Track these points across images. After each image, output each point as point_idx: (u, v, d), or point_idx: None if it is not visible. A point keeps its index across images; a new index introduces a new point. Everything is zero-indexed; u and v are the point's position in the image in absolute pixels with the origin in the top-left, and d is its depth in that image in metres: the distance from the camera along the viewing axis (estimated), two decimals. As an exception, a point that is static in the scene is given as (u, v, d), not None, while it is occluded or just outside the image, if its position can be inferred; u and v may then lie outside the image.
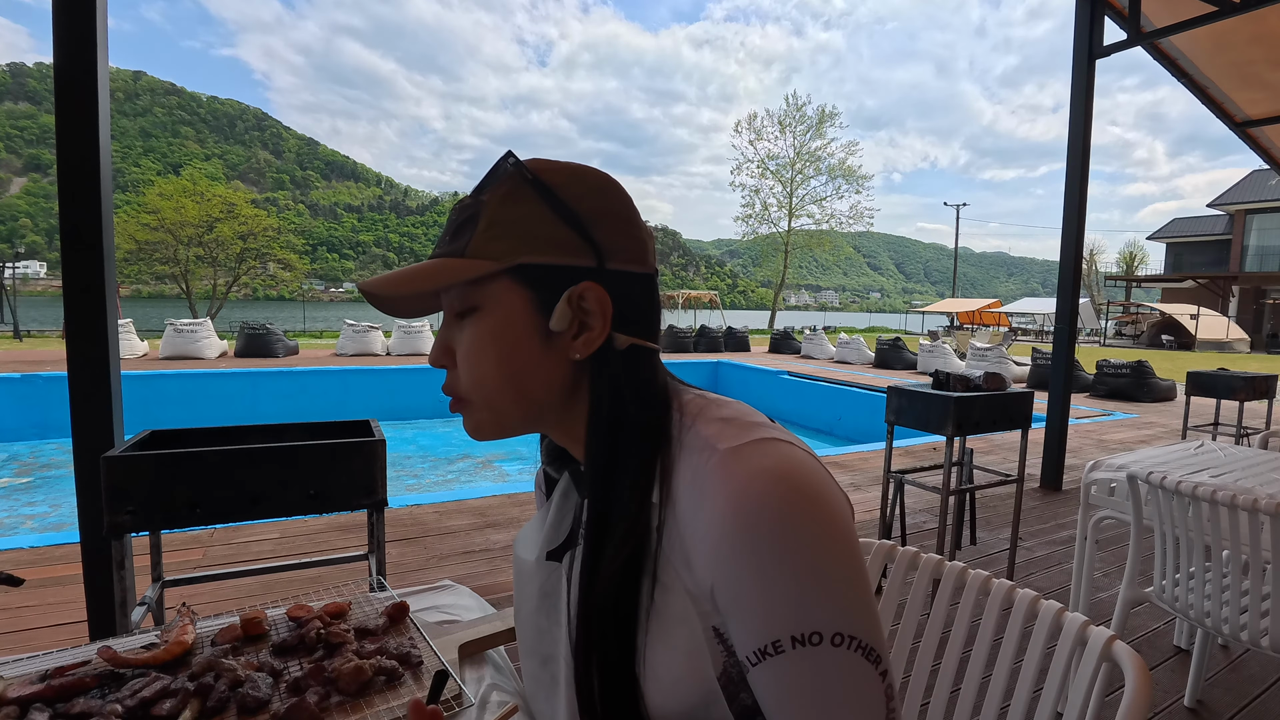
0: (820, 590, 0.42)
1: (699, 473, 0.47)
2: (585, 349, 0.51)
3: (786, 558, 0.42)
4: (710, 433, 0.48)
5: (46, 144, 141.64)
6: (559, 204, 0.50)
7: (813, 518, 0.43)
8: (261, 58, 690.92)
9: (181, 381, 8.46)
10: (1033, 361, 11.02)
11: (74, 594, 2.37)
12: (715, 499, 0.45)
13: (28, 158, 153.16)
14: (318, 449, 1.51)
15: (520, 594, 0.62)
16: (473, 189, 0.54)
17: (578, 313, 0.50)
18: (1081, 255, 4.42)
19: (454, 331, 0.54)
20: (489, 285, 0.50)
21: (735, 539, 0.43)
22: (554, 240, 0.50)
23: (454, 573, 2.80)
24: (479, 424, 0.54)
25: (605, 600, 0.48)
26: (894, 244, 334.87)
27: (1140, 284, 38.72)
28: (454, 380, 0.54)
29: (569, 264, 0.50)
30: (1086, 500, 2.29)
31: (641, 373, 0.53)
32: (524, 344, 0.51)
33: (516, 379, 0.51)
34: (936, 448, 5.40)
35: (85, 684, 0.66)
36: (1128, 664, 0.70)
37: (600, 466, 0.51)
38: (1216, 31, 4.16)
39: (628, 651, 0.47)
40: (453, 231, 0.52)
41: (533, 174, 0.51)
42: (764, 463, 0.45)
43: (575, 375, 0.53)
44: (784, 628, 0.42)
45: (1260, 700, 2.01)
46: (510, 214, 0.50)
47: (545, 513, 0.62)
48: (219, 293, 23.47)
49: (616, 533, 0.48)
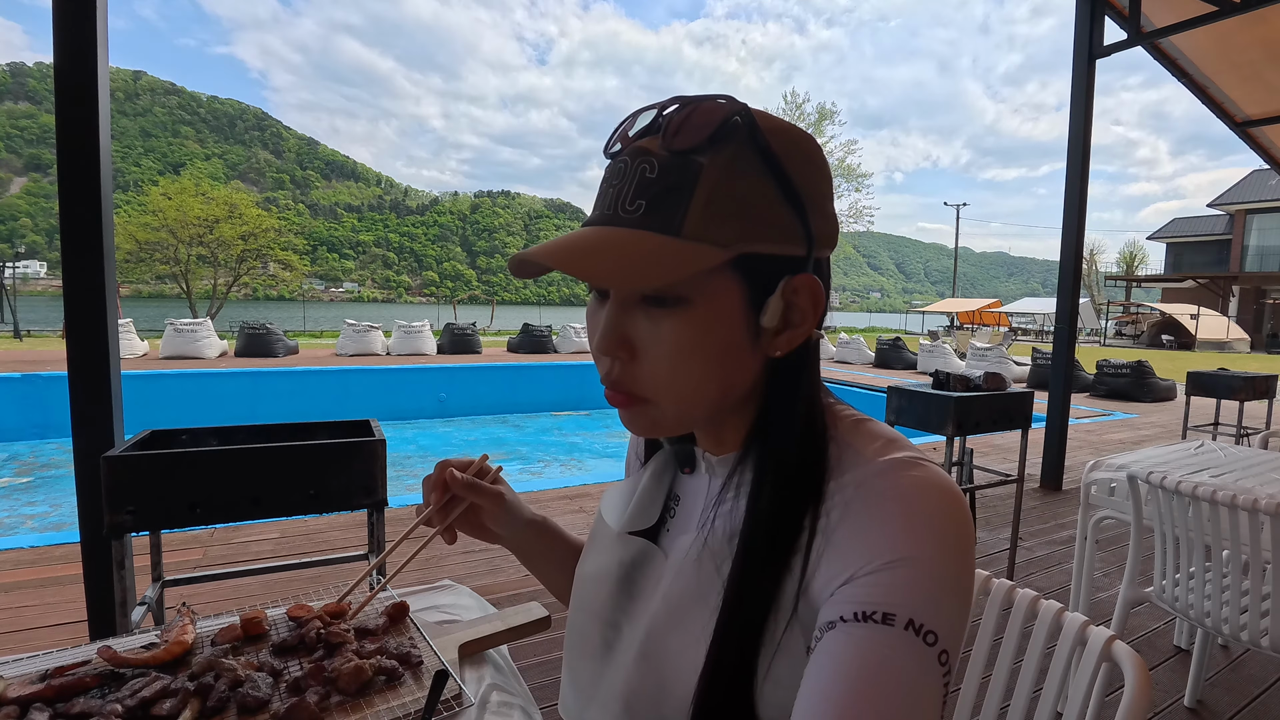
0: (949, 597, 0.40)
1: (862, 480, 0.44)
2: (788, 346, 0.47)
3: (940, 554, 0.41)
4: (869, 450, 0.46)
5: (46, 144, 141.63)
6: (786, 181, 0.44)
7: (969, 532, 0.43)
8: (258, 56, 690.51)
9: (181, 381, 8.45)
10: (1033, 361, 11.02)
11: (74, 594, 2.37)
12: (884, 495, 0.42)
13: (28, 158, 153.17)
14: (318, 449, 1.51)
15: (595, 553, 0.60)
16: (670, 138, 0.43)
17: (787, 308, 0.46)
18: (1082, 255, 4.42)
19: (636, 318, 0.46)
20: (705, 275, 0.43)
21: (906, 536, 0.41)
22: (779, 225, 0.43)
23: (454, 573, 2.80)
24: (656, 423, 0.48)
25: (748, 618, 0.45)
26: (894, 244, 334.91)
27: (1140, 284, 38.74)
28: (628, 374, 0.47)
29: (787, 254, 0.44)
30: (1086, 500, 2.29)
31: (818, 366, 0.50)
32: (735, 343, 0.45)
33: (722, 381, 0.46)
34: (936, 448, 5.40)
35: (85, 684, 0.66)
36: (1128, 664, 0.70)
37: (777, 473, 0.47)
38: (1216, 31, 4.16)
39: (753, 666, 0.45)
40: (653, 196, 0.43)
41: (765, 141, 0.43)
42: (933, 475, 0.44)
43: (765, 372, 0.48)
44: (904, 608, 0.39)
45: (1260, 700, 2.01)
46: (736, 188, 0.42)
47: (635, 482, 0.60)
48: (219, 293, 23.48)
49: (775, 553, 0.45)
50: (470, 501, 0.69)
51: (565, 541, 0.75)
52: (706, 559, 0.50)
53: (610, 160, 0.47)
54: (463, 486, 0.67)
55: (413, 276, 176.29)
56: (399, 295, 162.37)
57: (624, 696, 0.51)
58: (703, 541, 0.51)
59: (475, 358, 11.79)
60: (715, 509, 0.51)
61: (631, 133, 0.46)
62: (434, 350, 12.46)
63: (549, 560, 0.73)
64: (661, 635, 0.50)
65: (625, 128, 0.47)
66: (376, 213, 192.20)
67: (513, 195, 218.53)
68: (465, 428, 8.76)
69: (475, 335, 13.12)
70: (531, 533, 0.72)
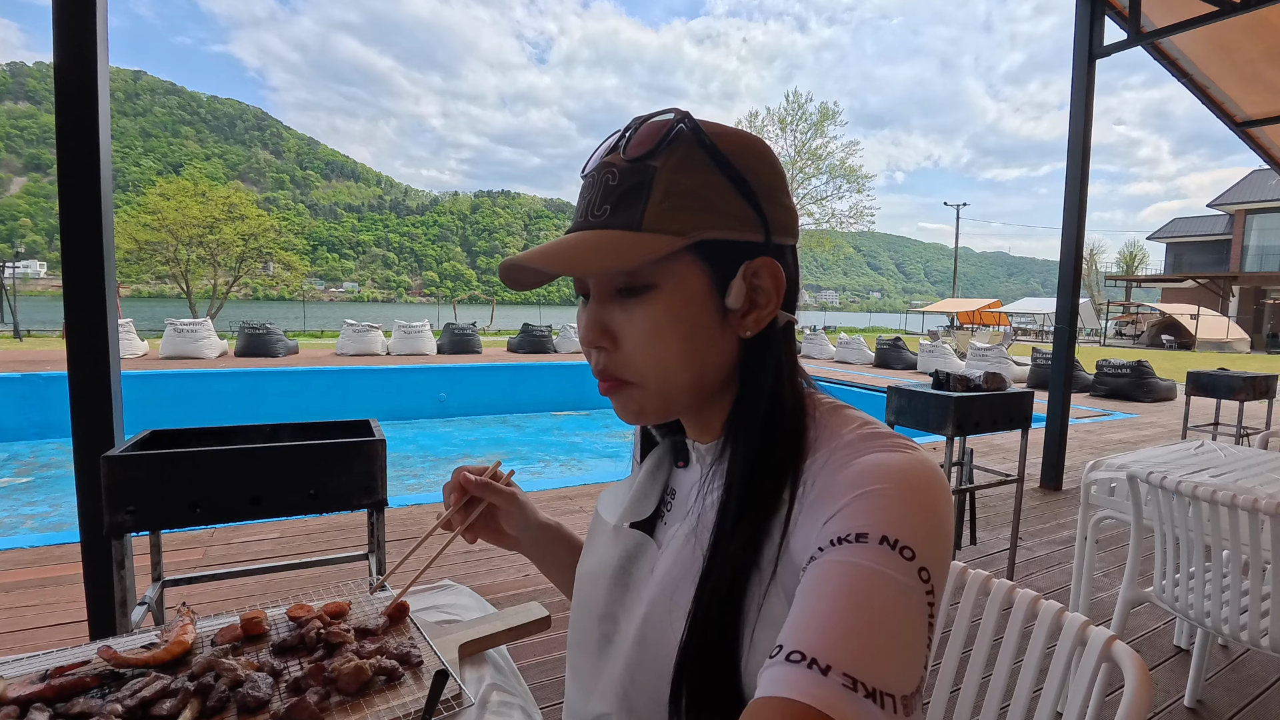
0: (922, 518, 0.41)
1: (836, 453, 0.46)
2: (755, 327, 0.50)
3: (907, 489, 0.42)
4: (848, 428, 0.48)
5: (46, 144, 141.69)
6: (735, 175, 0.48)
7: (943, 493, 0.44)
8: (255, 54, 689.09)
9: (181, 381, 8.46)
10: (1033, 361, 11.02)
11: (74, 594, 2.37)
12: (858, 461, 0.44)
13: (28, 158, 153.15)
14: (318, 449, 1.51)
15: (592, 551, 0.62)
16: (627, 149, 0.49)
17: (751, 289, 0.49)
18: (1082, 255, 4.42)
19: (613, 310, 0.51)
20: (668, 262, 0.48)
21: (869, 476, 0.43)
22: (732, 214, 0.48)
23: (454, 573, 2.80)
24: (643, 407, 0.52)
25: (724, 579, 0.47)
26: (894, 244, 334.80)
27: (1140, 284, 38.73)
28: (613, 362, 0.51)
29: (744, 239, 0.49)
30: (1086, 500, 2.29)
31: (793, 349, 0.53)
32: (703, 323, 0.49)
33: (697, 360, 0.50)
34: (936, 448, 5.40)
35: (85, 684, 0.66)
36: (1128, 664, 0.70)
37: (753, 450, 0.49)
38: (1216, 31, 4.16)
39: (735, 632, 0.46)
40: (615, 199, 0.48)
41: (710, 140, 0.48)
42: (912, 451, 0.45)
43: (739, 354, 0.52)
44: (874, 526, 0.40)
45: (1260, 700, 2.01)
46: (687, 184, 0.47)
47: (632, 479, 0.62)
48: (219, 293, 23.48)
49: (753, 519, 0.48)
50: (487, 503, 0.73)
51: (576, 544, 0.78)
52: (694, 538, 0.52)
53: (583, 178, 0.53)
54: (478, 487, 0.72)
55: (413, 276, 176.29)
56: (399, 295, 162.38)
57: (622, 683, 0.52)
58: (692, 524, 0.53)
59: (475, 358, 11.80)
60: (702, 492, 0.54)
61: (601, 152, 0.52)
62: (434, 350, 12.47)
63: (562, 562, 0.77)
64: (656, 619, 0.51)
65: (598, 150, 0.53)
66: (376, 213, 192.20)
67: (513, 195, 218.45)
68: (465, 428, 8.76)
69: (475, 335, 13.12)
70: (544, 535, 0.76)
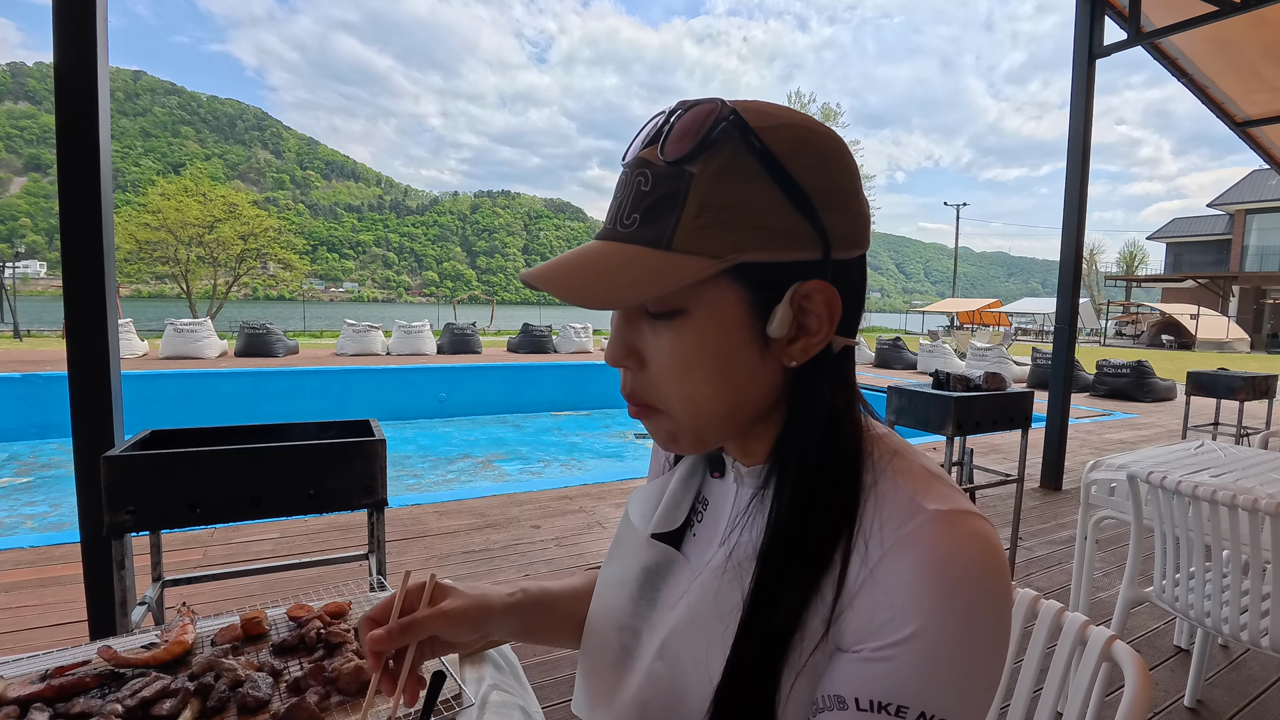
0: (969, 682, 0.39)
1: (903, 528, 0.41)
2: (802, 356, 0.44)
3: (967, 633, 0.38)
4: (913, 487, 0.43)
5: (46, 144, 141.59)
6: (789, 182, 0.40)
7: (1005, 605, 0.41)
8: (253, 54, 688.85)
9: (181, 381, 8.45)
10: (1033, 361, 11.03)
11: (74, 594, 2.37)
12: (923, 551, 0.40)
13: (28, 158, 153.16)
14: (317, 449, 1.51)
15: (619, 556, 0.58)
16: (665, 147, 0.42)
17: (799, 314, 0.43)
18: (1082, 255, 4.42)
19: (641, 330, 0.45)
20: (700, 287, 0.42)
21: (930, 598, 0.39)
22: (781, 230, 0.41)
23: (454, 573, 2.80)
24: (675, 435, 0.47)
25: (770, 634, 0.43)
26: (894, 244, 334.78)
27: (1140, 284, 38.74)
28: (641, 385, 0.46)
29: (794, 259, 0.42)
30: (1086, 500, 2.29)
31: (851, 378, 0.48)
32: (740, 354, 0.43)
33: (731, 394, 0.44)
34: (936, 448, 5.39)
35: (85, 684, 0.66)
36: (1128, 664, 0.70)
37: (802, 495, 0.44)
38: (1216, 31, 4.16)
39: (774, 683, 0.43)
40: (645, 208, 0.42)
41: (760, 142, 0.40)
42: (976, 534, 0.41)
43: (784, 383, 0.46)
44: (918, 703, 0.38)
45: (1260, 700, 2.01)
46: (728, 195, 0.40)
47: (665, 483, 0.58)
48: (219, 293, 23.46)
49: (802, 583, 0.43)
50: (418, 640, 0.53)
51: (554, 597, 0.65)
52: (730, 572, 0.48)
53: (622, 167, 0.47)
54: (393, 638, 0.51)
55: (413, 276, 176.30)
56: (399, 295, 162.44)
57: (639, 704, 0.51)
58: (727, 553, 0.49)
59: (475, 358, 11.80)
60: (741, 521, 0.50)
61: (641, 140, 0.46)
62: (434, 350, 12.47)
63: (551, 626, 0.64)
64: (680, 645, 0.49)
65: (639, 135, 0.46)
66: (376, 213, 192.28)
67: (513, 195, 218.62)
68: (465, 428, 8.75)
69: (475, 335, 13.12)
70: (514, 617, 0.60)
